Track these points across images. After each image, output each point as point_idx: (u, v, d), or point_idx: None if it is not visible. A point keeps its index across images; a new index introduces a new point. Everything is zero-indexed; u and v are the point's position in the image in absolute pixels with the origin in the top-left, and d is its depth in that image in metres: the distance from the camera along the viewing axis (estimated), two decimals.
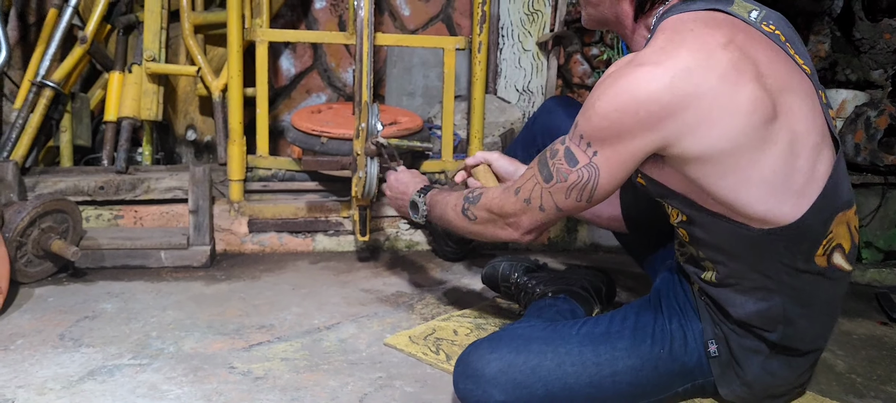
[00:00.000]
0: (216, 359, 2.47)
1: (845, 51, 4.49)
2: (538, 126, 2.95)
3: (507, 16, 4.49)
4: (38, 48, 3.76)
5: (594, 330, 2.19)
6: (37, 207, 2.95)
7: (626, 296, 2.98)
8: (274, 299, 2.96)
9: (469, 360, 2.10)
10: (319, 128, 3.52)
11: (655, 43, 1.87)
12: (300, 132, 3.59)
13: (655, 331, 2.19)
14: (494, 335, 2.21)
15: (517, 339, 2.14)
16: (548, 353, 2.10)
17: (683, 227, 2.10)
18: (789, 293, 2.06)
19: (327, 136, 3.48)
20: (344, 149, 3.44)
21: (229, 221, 3.43)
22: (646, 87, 1.80)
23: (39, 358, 2.42)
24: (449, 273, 3.28)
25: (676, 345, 2.18)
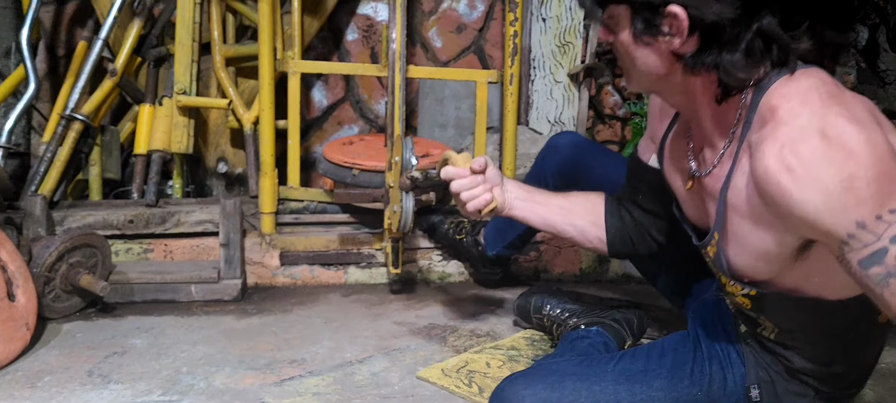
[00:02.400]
0: (247, 394, 2.45)
1: (871, 82, 4.56)
2: (549, 166, 2.92)
3: (538, 48, 4.48)
4: (67, 81, 3.77)
5: (630, 367, 2.16)
6: (65, 242, 2.94)
7: (657, 328, 2.95)
8: (305, 333, 2.94)
9: (503, 395, 2.08)
10: (351, 161, 3.50)
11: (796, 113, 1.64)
12: (332, 164, 3.57)
13: (694, 371, 2.16)
14: (529, 370, 2.19)
15: (552, 375, 2.11)
16: (582, 391, 2.07)
17: (745, 298, 1.99)
18: (847, 350, 2.03)
19: (359, 169, 3.46)
20: (376, 182, 3.42)
21: (260, 254, 3.42)
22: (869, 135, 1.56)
23: (67, 395, 2.41)
24: (481, 305, 3.25)
25: (715, 388, 2.15)
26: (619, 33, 1.82)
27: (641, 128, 4.39)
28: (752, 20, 1.68)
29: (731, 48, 1.71)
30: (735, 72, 1.72)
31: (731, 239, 1.86)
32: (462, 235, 3.35)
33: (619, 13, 1.79)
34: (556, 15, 4.45)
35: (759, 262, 1.83)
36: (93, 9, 4.00)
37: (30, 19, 3.63)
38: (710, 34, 1.70)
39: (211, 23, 3.91)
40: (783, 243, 1.74)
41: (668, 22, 1.71)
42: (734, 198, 1.81)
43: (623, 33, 1.81)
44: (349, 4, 4.43)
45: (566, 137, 2.95)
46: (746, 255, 1.85)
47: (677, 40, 1.73)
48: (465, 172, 2.32)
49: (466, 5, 4.58)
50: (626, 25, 1.79)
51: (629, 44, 1.81)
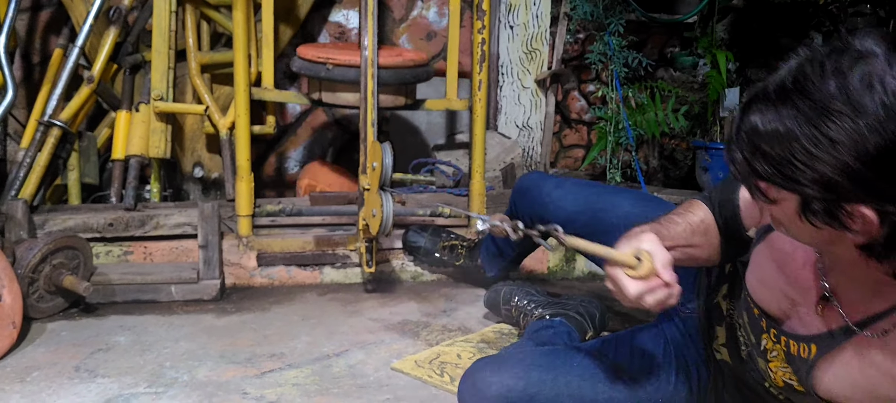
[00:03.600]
0: (230, 386, 2.52)
1: None
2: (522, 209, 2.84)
3: (506, 54, 4.58)
4: (44, 88, 3.83)
5: (596, 363, 2.19)
6: (48, 244, 3.00)
7: (619, 321, 3.04)
8: (284, 329, 3.01)
9: (473, 380, 2.14)
10: (325, 56, 3.54)
11: None
12: (306, 61, 3.60)
13: (661, 378, 2.20)
14: (496, 357, 2.28)
15: (517, 364, 2.16)
16: (547, 383, 2.12)
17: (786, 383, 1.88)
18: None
19: (332, 63, 3.50)
20: (350, 76, 3.45)
21: (238, 256, 3.48)
22: None
23: (56, 389, 2.48)
24: (452, 301, 3.34)
25: (678, 398, 2.21)
26: (780, 206, 1.53)
27: (606, 132, 4.48)
28: None
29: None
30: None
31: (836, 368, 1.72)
32: (460, 261, 3.43)
33: (781, 193, 1.49)
34: (524, 22, 4.55)
35: (859, 396, 1.71)
36: (67, 16, 4.05)
37: (7, 27, 3.66)
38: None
39: (186, 31, 3.97)
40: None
41: (854, 221, 1.43)
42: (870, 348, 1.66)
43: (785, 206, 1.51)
44: (321, 12, 4.52)
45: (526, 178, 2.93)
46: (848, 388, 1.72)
47: (862, 238, 1.46)
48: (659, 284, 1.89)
49: (436, 13, 4.67)
50: (793, 206, 1.49)
51: (792, 216, 1.52)
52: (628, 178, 4.64)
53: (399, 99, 3.63)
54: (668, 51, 4.90)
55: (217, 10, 4.08)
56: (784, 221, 1.56)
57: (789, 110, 1.39)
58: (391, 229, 2.98)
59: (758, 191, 1.52)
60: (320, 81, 3.58)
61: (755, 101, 1.46)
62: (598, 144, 4.57)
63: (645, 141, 4.72)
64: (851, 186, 1.37)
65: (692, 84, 4.68)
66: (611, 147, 4.50)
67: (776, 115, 1.41)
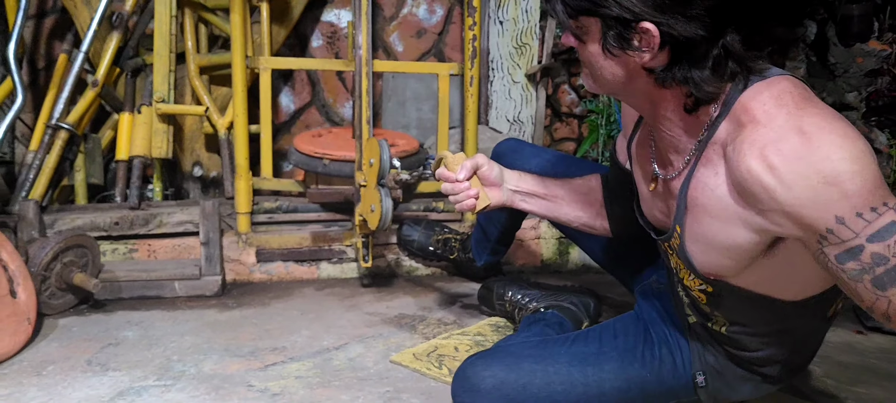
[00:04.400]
0: (235, 379, 2.62)
1: (820, 75, 4.61)
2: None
3: (496, 50, 4.63)
4: (50, 92, 3.91)
5: (583, 349, 2.26)
6: (59, 243, 3.10)
7: (613, 313, 3.05)
8: (284, 324, 3.10)
9: (466, 375, 2.20)
10: (322, 151, 3.64)
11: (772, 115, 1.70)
12: (303, 155, 3.71)
13: (645, 355, 2.26)
14: (488, 352, 2.30)
15: (509, 357, 2.22)
16: (538, 372, 2.18)
17: (702, 293, 2.05)
18: (796, 342, 2.14)
19: (329, 158, 3.60)
20: (345, 171, 3.57)
21: (238, 252, 3.57)
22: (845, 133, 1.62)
23: (71, 382, 2.57)
24: (448, 295, 3.40)
25: (665, 370, 2.26)
26: (588, 43, 1.81)
27: (597, 124, 4.53)
28: (718, 38, 1.70)
29: (700, 64, 1.73)
30: (705, 87, 1.74)
31: (694, 235, 1.91)
32: (454, 255, 3.50)
33: (589, 24, 1.77)
34: (513, 17, 4.59)
35: (724, 258, 1.87)
36: (71, 22, 4.14)
37: (16, 35, 3.75)
38: (680, 50, 1.72)
39: (185, 34, 4.06)
40: (754, 240, 1.78)
41: (640, 37, 1.71)
42: (700, 195, 1.85)
43: (592, 44, 1.80)
44: (314, 12, 4.57)
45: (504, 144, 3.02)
46: (711, 251, 1.88)
47: (647, 55, 1.73)
48: (453, 175, 2.37)
49: (426, 10, 4.71)
50: (596, 37, 1.78)
51: (597, 54, 1.81)
52: None
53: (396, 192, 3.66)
54: None
55: (214, 13, 4.16)
56: (593, 64, 1.84)
57: None
58: (390, 224, 3.02)
59: (573, 33, 1.83)
60: (317, 175, 3.70)
61: None
62: (590, 137, 4.61)
63: None
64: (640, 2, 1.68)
65: None
66: (603, 139, 4.53)
67: None
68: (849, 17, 4.53)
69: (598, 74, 1.86)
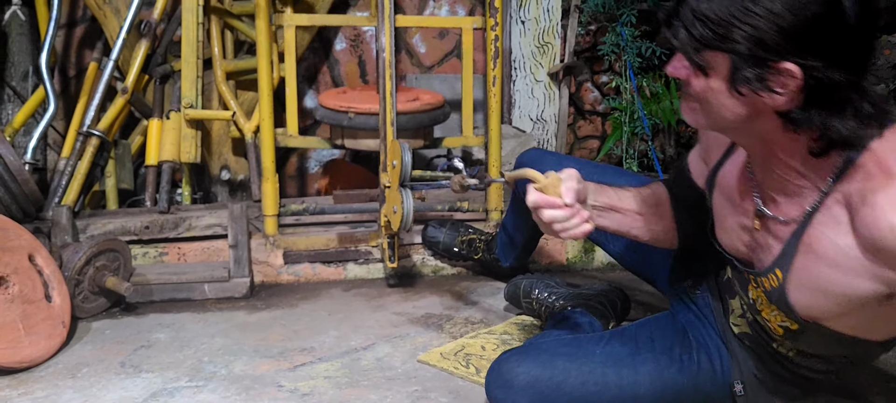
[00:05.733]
0: (265, 379, 2.66)
1: None
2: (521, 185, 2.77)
3: (518, 49, 4.66)
4: (81, 100, 3.98)
5: (619, 350, 2.24)
6: (92, 247, 3.15)
7: (641, 311, 3.09)
8: (312, 324, 3.13)
9: (500, 370, 2.20)
10: (347, 105, 3.66)
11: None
12: (328, 110, 3.72)
13: (682, 360, 2.24)
14: (522, 348, 2.31)
15: (542, 354, 2.21)
16: (572, 371, 2.16)
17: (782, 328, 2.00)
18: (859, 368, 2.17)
19: (354, 112, 3.62)
20: (371, 124, 3.57)
21: (265, 254, 3.60)
22: None
23: (105, 384, 2.63)
24: (474, 294, 3.42)
25: (702, 376, 2.24)
26: (711, 79, 1.68)
27: (621, 122, 4.55)
28: (859, 81, 1.64)
29: (840, 109, 1.63)
30: (846, 133, 1.65)
31: (802, 281, 1.83)
32: (479, 255, 3.51)
33: (716, 60, 1.65)
34: (535, 17, 4.62)
35: (833, 305, 1.81)
36: (100, 31, 4.22)
37: (48, 44, 3.84)
38: (820, 94, 1.62)
39: (211, 40, 4.13)
40: (878, 291, 1.71)
41: (778, 79, 1.60)
42: (818, 245, 1.77)
43: (715, 81, 1.68)
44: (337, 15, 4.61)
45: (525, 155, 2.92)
46: (821, 298, 1.81)
47: (782, 98, 1.63)
48: (558, 202, 2.03)
49: (448, 11, 4.76)
50: (723, 74, 1.66)
51: (720, 92, 1.69)
52: (645, 167, 4.67)
53: (417, 141, 3.72)
54: None
55: (240, 19, 4.22)
56: (711, 99, 1.72)
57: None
58: (412, 225, 3.04)
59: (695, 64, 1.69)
60: (342, 129, 3.70)
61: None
62: (614, 135, 4.63)
63: (661, 130, 4.72)
64: (781, 39, 1.57)
65: None
66: (626, 137, 4.55)
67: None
68: None
69: (713, 112, 1.74)
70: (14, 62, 4.14)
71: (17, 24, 4.10)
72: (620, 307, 2.96)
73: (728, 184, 2.08)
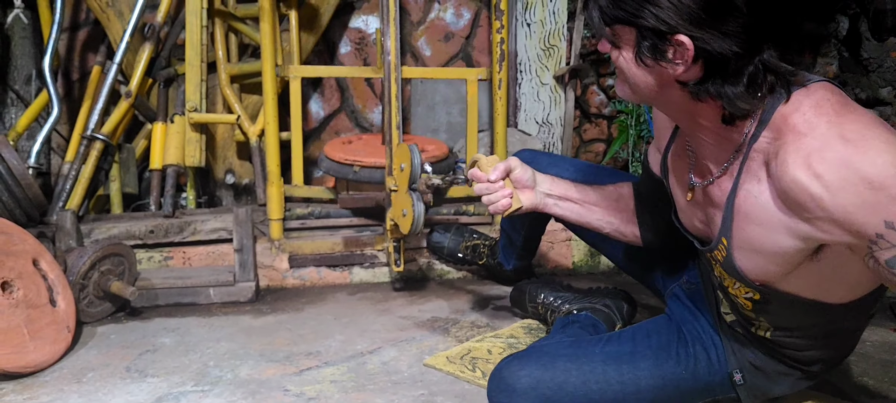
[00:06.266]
0: (271, 384, 2.65)
1: (853, 70, 4.62)
2: None
3: (524, 52, 4.63)
4: (85, 104, 3.97)
5: (618, 348, 2.28)
6: (96, 252, 3.14)
7: (647, 314, 3.08)
8: (318, 328, 3.12)
9: (502, 375, 2.21)
10: (352, 158, 3.68)
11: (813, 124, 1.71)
12: (333, 162, 3.75)
13: (679, 353, 2.29)
14: (524, 352, 2.32)
15: (544, 356, 2.24)
16: (573, 371, 2.19)
17: (748, 300, 2.06)
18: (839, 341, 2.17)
19: (360, 165, 3.64)
20: (376, 178, 3.60)
21: (271, 258, 3.60)
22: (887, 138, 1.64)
23: (110, 388, 2.61)
24: (479, 298, 3.42)
25: (701, 367, 2.28)
26: (622, 51, 1.82)
27: (627, 125, 4.51)
28: (754, 54, 1.71)
29: (734, 80, 1.73)
30: (738, 103, 1.75)
31: (741, 244, 1.92)
32: (483, 260, 3.51)
33: (624, 33, 1.79)
34: (541, 19, 4.59)
35: (770, 264, 1.89)
36: (103, 34, 4.19)
37: (51, 48, 3.83)
38: (715, 65, 1.72)
39: (215, 44, 4.10)
40: (799, 247, 1.80)
41: (674, 49, 1.72)
42: (745, 205, 1.86)
43: (626, 52, 1.82)
44: (342, 19, 4.60)
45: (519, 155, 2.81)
46: (759, 258, 1.90)
47: (681, 68, 1.74)
48: (485, 176, 2.35)
49: (453, 14, 4.72)
50: (631, 46, 1.80)
51: (630, 62, 1.82)
52: None
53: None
54: None
55: (244, 22, 4.19)
56: (626, 71, 1.86)
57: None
58: (422, 228, 3.03)
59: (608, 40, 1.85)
60: (348, 182, 3.73)
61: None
62: (620, 138, 4.58)
63: None
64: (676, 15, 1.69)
65: None
66: (632, 140, 4.51)
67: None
68: (882, 11, 4.53)
69: (632, 83, 1.87)
70: (17, 65, 4.12)
71: (19, 27, 4.09)
72: (626, 310, 2.97)
73: (674, 166, 2.21)
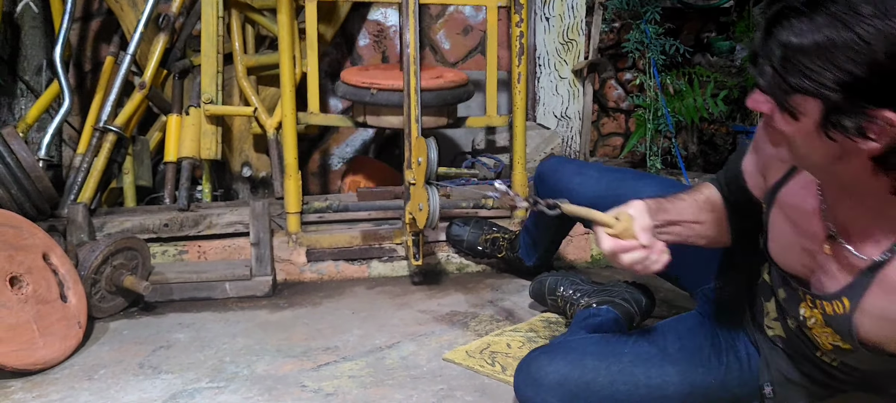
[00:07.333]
0: (288, 379, 2.60)
1: None
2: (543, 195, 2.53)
3: (543, 46, 4.62)
4: (97, 95, 3.94)
5: (647, 349, 2.25)
6: (109, 246, 3.09)
7: (666, 308, 3.06)
8: (336, 323, 3.08)
9: (529, 369, 2.20)
10: (368, 81, 3.63)
11: None
12: (350, 86, 3.70)
13: (711, 360, 2.24)
14: (550, 346, 2.29)
15: (571, 352, 2.21)
16: (601, 370, 2.17)
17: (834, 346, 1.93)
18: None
19: (376, 88, 3.59)
20: (394, 100, 3.55)
21: (288, 252, 3.55)
22: None
23: (123, 385, 2.57)
24: (498, 292, 3.38)
25: (732, 377, 2.24)
26: (801, 121, 1.57)
27: (644, 120, 4.49)
28: None
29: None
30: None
31: (872, 311, 1.78)
32: (502, 253, 3.48)
33: (807, 104, 1.54)
34: (559, 14, 4.58)
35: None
36: (117, 25, 4.16)
37: (62, 38, 3.79)
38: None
39: (232, 35, 4.07)
40: None
41: (875, 127, 1.50)
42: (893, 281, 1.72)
43: (805, 122, 1.57)
44: (361, 11, 4.58)
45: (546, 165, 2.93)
46: (889, 328, 1.76)
47: (878, 145, 1.53)
48: (635, 245, 2.05)
49: (472, 7, 4.70)
50: (814, 117, 1.55)
51: (810, 134, 1.58)
52: (668, 165, 4.64)
53: (441, 119, 3.70)
54: (705, 36, 4.90)
55: (261, 13, 4.16)
56: (798, 141, 1.61)
57: (823, 18, 1.47)
58: (438, 222, 3.01)
59: (785, 108, 1.57)
60: (365, 105, 3.67)
61: (784, 14, 1.53)
62: (638, 132, 4.57)
63: (684, 127, 4.67)
64: (880, 86, 1.46)
65: (730, 69, 4.67)
66: (650, 134, 4.49)
67: (810, 25, 1.48)
68: None
69: (801, 152, 1.66)
70: (27, 56, 4.09)
71: (29, 16, 4.06)
72: (645, 303, 2.94)
73: (792, 204, 1.99)
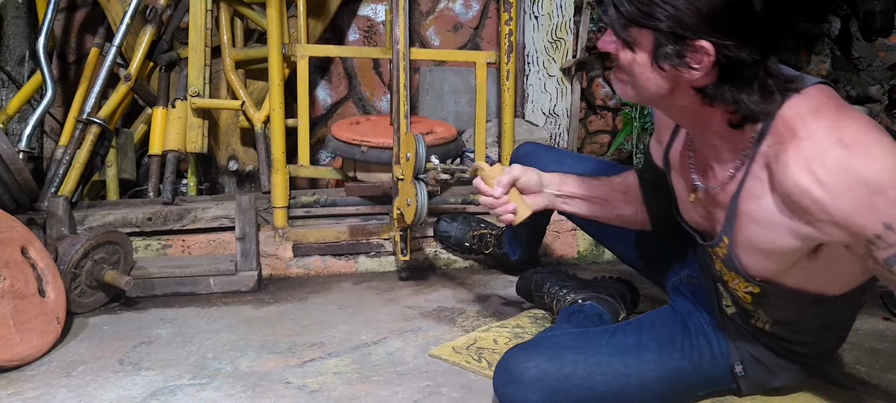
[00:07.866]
0: (272, 376, 2.56)
1: (845, 69, 4.80)
2: None
3: (531, 44, 4.62)
4: (81, 86, 3.90)
5: (623, 340, 2.28)
6: (90, 239, 3.05)
7: (650, 303, 3.05)
8: (322, 318, 3.05)
9: (508, 366, 2.20)
10: (360, 138, 3.61)
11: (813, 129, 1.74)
12: (341, 142, 3.68)
13: (684, 345, 2.29)
14: (530, 343, 2.31)
15: (551, 348, 2.23)
16: (579, 363, 2.18)
17: (748, 294, 2.11)
18: (834, 332, 2.23)
19: (367, 146, 3.57)
20: (384, 158, 3.53)
21: (274, 247, 3.52)
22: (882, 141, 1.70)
23: (102, 382, 2.52)
24: (486, 288, 3.37)
25: (704, 360, 2.29)
26: (636, 53, 1.81)
27: (631, 118, 4.50)
28: (765, 61, 1.76)
29: (748, 85, 1.77)
30: (753, 108, 1.79)
31: (742, 243, 1.98)
32: (490, 249, 3.48)
33: (641, 35, 1.78)
34: (548, 12, 4.59)
35: (770, 262, 1.95)
36: (103, 16, 4.12)
37: (46, 28, 3.74)
38: (731, 71, 1.75)
39: (220, 28, 4.04)
40: (801, 246, 1.86)
41: (694, 55, 1.74)
42: (748, 206, 1.91)
43: (640, 55, 1.81)
44: (350, 7, 4.56)
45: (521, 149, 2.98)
46: (760, 256, 1.96)
47: (698, 73, 1.76)
48: (490, 191, 2.38)
49: (462, 5, 4.72)
50: (647, 49, 1.79)
51: (644, 65, 1.82)
52: None
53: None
54: None
55: (250, 7, 4.13)
56: (637, 74, 1.85)
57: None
58: (426, 218, 3.00)
59: (623, 40, 1.81)
60: (355, 162, 3.66)
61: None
62: (624, 130, 4.59)
63: None
64: (698, 19, 1.70)
65: None
66: (636, 132, 4.50)
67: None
68: (871, 13, 4.71)
69: (639, 85, 1.88)
70: (9, 46, 4.04)
71: (12, 5, 4.01)
72: (630, 299, 2.99)
73: (676, 162, 2.24)
